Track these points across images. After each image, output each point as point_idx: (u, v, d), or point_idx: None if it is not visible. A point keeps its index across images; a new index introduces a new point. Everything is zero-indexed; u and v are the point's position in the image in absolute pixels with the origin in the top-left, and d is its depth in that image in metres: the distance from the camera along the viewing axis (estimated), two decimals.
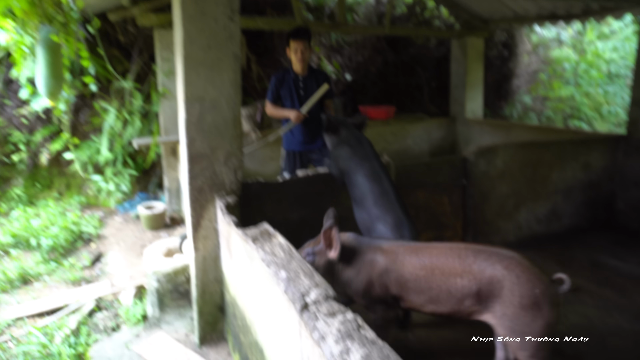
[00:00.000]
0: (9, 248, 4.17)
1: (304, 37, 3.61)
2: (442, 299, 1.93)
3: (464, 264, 1.89)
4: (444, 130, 6.43)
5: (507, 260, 1.87)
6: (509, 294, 1.80)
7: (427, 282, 1.94)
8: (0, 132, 5.02)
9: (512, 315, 1.81)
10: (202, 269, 2.57)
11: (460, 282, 1.88)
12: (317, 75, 3.79)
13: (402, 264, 2.02)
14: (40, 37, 2.64)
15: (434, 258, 1.97)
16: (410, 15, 6.89)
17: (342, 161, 2.84)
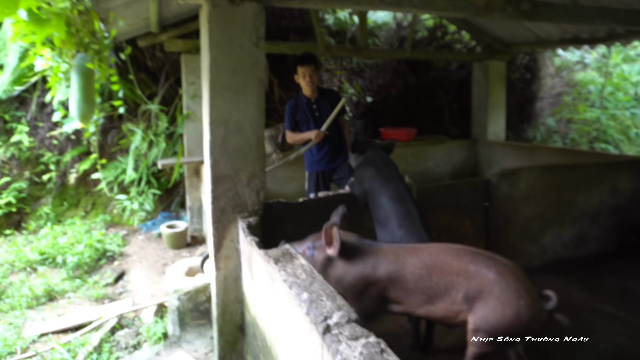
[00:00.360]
0: (37, 265, 4.28)
1: (310, 62, 3.71)
2: (438, 298, 1.98)
3: (462, 262, 1.96)
4: (465, 152, 6.39)
5: (502, 266, 1.93)
6: (495, 300, 1.87)
7: (427, 281, 1.99)
8: (33, 152, 5.22)
9: (492, 320, 1.88)
10: (223, 288, 2.59)
11: (457, 279, 1.94)
12: (328, 95, 3.87)
13: (403, 264, 2.06)
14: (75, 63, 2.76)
15: (433, 256, 2.03)
16: (431, 38, 6.95)
17: (366, 182, 2.85)
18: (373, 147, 3.03)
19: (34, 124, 5.23)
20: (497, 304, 1.87)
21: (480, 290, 1.89)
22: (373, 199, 2.78)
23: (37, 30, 2.25)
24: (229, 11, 2.37)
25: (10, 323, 3.42)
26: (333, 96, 3.87)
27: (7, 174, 5.14)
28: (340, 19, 6.76)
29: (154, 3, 3.48)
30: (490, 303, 1.88)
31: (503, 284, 1.87)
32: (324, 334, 1.29)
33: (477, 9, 3.00)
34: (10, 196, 5.02)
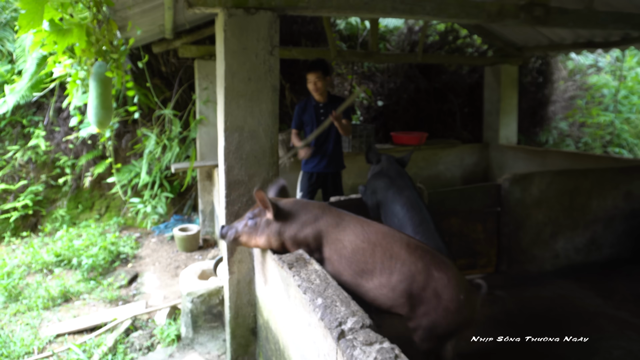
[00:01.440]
0: (52, 266, 4.36)
1: (316, 69, 3.79)
2: (372, 277, 1.99)
3: (411, 255, 1.99)
4: (476, 156, 6.37)
5: (443, 263, 2.02)
6: (438, 297, 1.95)
7: (365, 255, 2.01)
8: (49, 156, 5.32)
9: (435, 315, 1.95)
10: (236, 292, 2.63)
11: (401, 268, 1.97)
12: (336, 102, 3.92)
13: (344, 229, 2.08)
14: (94, 71, 2.82)
15: (380, 237, 2.04)
16: (442, 43, 6.95)
17: (380, 192, 2.88)
18: (388, 158, 3.07)
19: (51, 128, 5.34)
20: (439, 301, 1.95)
21: (424, 288, 1.95)
22: (386, 208, 2.80)
23: (58, 40, 2.31)
24: (244, 20, 2.41)
25: (27, 323, 3.50)
26: (340, 101, 3.92)
27: (24, 177, 5.25)
28: (351, 23, 6.79)
29: (169, 11, 3.54)
30: (433, 300, 1.95)
31: (445, 280, 1.96)
32: (338, 339, 1.31)
33: (489, 15, 3.01)
34: (27, 199, 5.12)
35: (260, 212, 2.21)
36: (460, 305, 1.96)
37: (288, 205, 2.22)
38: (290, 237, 2.15)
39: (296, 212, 2.18)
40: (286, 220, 2.16)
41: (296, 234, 2.14)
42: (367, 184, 3.11)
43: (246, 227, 2.22)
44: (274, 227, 2.16)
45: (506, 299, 3.07)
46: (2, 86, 5.06)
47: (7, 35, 5.09)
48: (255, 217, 2.21)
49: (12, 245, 4.85)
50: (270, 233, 2.16)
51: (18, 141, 5.26)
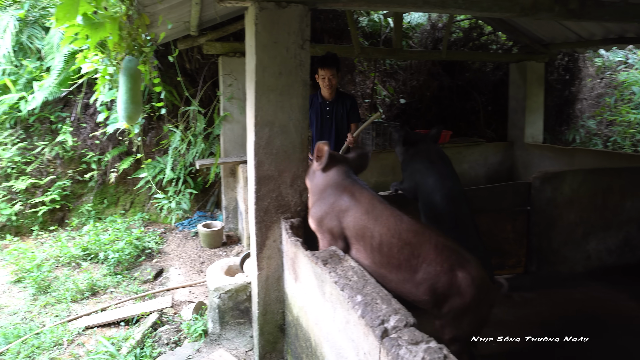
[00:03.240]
0: (80, 260, 4.43)
1: (332, 65, 3.65)
2: (398, 270, 2.02)
3: (439, 256, 2.00)
4: (501, 155, 6.25)
5: (469, 264, 2.04)
6: (461, 296, 1.98)
7: (394, 249, 2.02)
8: (76, 152, 5.40)
9: (457, 313, 2.00)
10: (264, 288, 2.62)
11: (427, 268, 1.99)
12: (343, 100, 3.82)
13: (375, 220, 2.08)
14: (123, 66, 2.84)
15: (411, 235, 2.04)
16: (466, 40, 6.84)
17: (419, 175, 2.80)
18: (425, 140, 2.98)
19: (78, 124, 5.42)
20: (463, 299, 1.99)
21: (449, 287, 1.99)
22: (425, 195, 2.73)
23: (91, 34, 2.32)
24: (275, 14, 2.39)
25: (57, 315, 3.55)
26: (348, 101, 3.83)
27: (51, 172, 5.33)
28: (374, 20, 6.73)
29: (196, 6, 3.55)
30: (458, 300, 1.99)
31: (469, 280, 1.99)
32: (382, 337, 1.28)
33: (523, 8, 2.93)
34: (54, 194, 5.21)
35: (313, 162, 2.37)
36: (481, 305, 2.02)
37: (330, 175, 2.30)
38: (316, 218, 2.20)
39: (329, 186, 2.25)
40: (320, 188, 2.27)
41: (322, 217, 2.18)
42: (404, 167, 3.02)
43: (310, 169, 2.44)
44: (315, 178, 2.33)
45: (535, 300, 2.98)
46: (31, 83, 5.16)
47: (36, 33, 5.18)
48: (310, 160, 2.42)
49: (40, 239, 4.95)
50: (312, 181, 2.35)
51: (46, 137, 5.36)
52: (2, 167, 5.12)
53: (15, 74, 5.17)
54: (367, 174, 5.27)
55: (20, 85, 5.15)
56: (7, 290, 3.94)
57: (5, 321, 3.45)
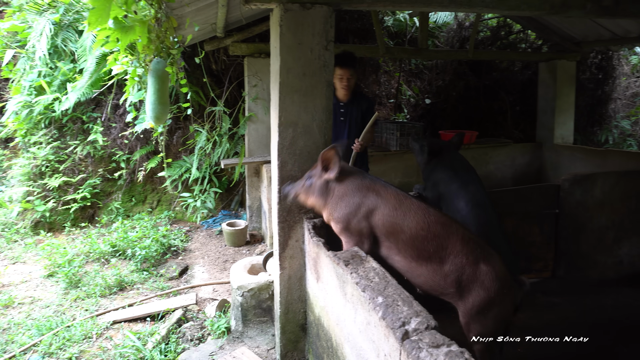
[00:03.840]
0: (109, 256, 4.56)
1: (350, 65, 3.44)
2: (427, 262, 2.06)
3: (465, 247, 2.04)
4: (529, 156, 6.11)
5: (492, 258, 2.08)
6: (485, 289, 2.01)
7: (422, 241, 2.06)
8: (106, 151, 5.56)
9: (480, 307, 2.02)
10: (287, 287, 2.63)
11: (454, 259, 2.03)
12: (359, 101, 3.56)
13: (404, 215, 2.10)
14: (152, 67, 2.91)
15: (439, 227, 2.07)
16: (494, 38, 6.72)
17: (442, 185, 2.78)
18: (448, 149, 2.96)
19: (108, 124, 5.58)
20: (487, 293, 2.01)
21: (473, 280, 2.02)
22: (449, 202, 2.71)
23: (121, 37, 2.39)
24: (300, 15, 2.40)
25: (87, 309, 3.66)
26: (365, 103, 3.58)
27: (83, 171, 5.51)
28: (400, 20, 6.68)
29: (222, 9, 3.60)
30: (481, 292, 2.01)
31: (493, 274, 2.01)
32: (402, 339, 1.27)
33: (553, 6, 2.85)
34: (85, 191, 5.38)
35: (319, 173, 2.26)
36: (504, 299, 2.03)
37: (347, 170, 2.26)
38: (343, 220, 2.16)
39: (351, 184, 2.21)
40: (340, 188, 2.20)
41: (349, 219, 2.15)
42: (426, 175, 3.00)
43: (305, 186, 2.30)
44: (330, 189, 2.22)
45: (563, 305, 2.92)
46: (64, 84, 5.34)
47: (70, 36, 5.35)
48: (313, 177, 2.27)
49: (72, 235, 5.11)
50: (325, 196, 2.23)
51: (78, 136, 5.53)
52: (37, 166, 5.32)
53: (50, 76, 5.36)
54: (391, 174, 5.25)
55: (55, 86, 5.33)
56: (40, 284, 4.09)
57: (38, 314, 3.59)
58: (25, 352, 3.12)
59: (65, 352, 3.10)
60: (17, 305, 3.73)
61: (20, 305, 3.74)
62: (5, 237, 5.00)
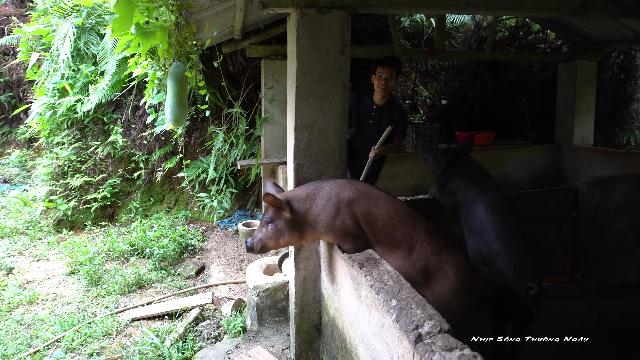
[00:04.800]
0: (128, 255, 4.66)
1: (392, 66, 3.41)
2: (397, 250, 2.12)
3: (429, 237, 2.13)
4: (547, 157, 6.03)
5: (455, 249, 2.17)
6: (449, 279, 2.09)
7: (393, 230, 2.13)
8: (126, 151, 5.68)
9: (447, 296, 2.07)
10: (302, 288, 2.67)
11: (420, 249, 2.11)
12: (391, 109, 3.53)
13: (375, 203, 2.16)
14: (171, 71, 2.97)
15: (407, 217, 2.16)
16: (512, 39, 6.64)
17: (459, 193, 2.79)
18: (462, 156, 2.96)
19: (127, 125, 5.70)
20: (451, 282, 2.08)
21: (438, 269, 2.10)
22: (467, 209, 2.71)
23: (143, 42, 2.46)
24: (316, 19, 2.43)
25: (107, 307, 3.76)
26: (397, 113, 3.53)
27: (103, 171, 5.64)
28: (416, 21, 6.66)
29: (240, 12, 3.65)
30: (446, 281, 2.09)
31: (456, 264, 2.10)
32: (415, 342, 1.29)
33: (572, 8, 2.82)
34: (105, 191, 5.50)
35: (275, 214, 2.15)
36: (467, 287, 2.10)
37: (301, 195, 2.20)
38: (326, 227, 2.13)
39: (315, 198, 2.17)
40: (308, 211, 2.16)
41: (331, 222, 2.13)
42: (442, 183, 3.00)
43: (268, 232, 2.17)
44: (299, 220, 2.14)
45: (581, 310, 2.88)
46: (86, 86, 5.47)
47: (92, 39, 5.48)
48: (274, 220, 2.15)
49: (92, 234, 5.24)
50: (297, 228, 2.15)
51: (99, 137, 5.67)
52: (60, 165, 5.46)
53: (72, 78, 5.50)
54: (406, 176, 5.24)
55: (77, 88, 5.47)
56: (63, 281, 4.21)
57: (61, 310, 3.70)
58: (49, 347, 3.22)
59: (86, 348, 3.19)
60: (40, 302, 3.85)
61: (43, 301, 3.86)
62: (29, 235, 5.15)
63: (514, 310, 2.45)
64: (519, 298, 2.38)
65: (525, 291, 2.31)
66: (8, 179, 6.85)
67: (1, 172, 6.94)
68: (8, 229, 5.26)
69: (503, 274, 2.48)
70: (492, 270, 2.50)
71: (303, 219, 2.14)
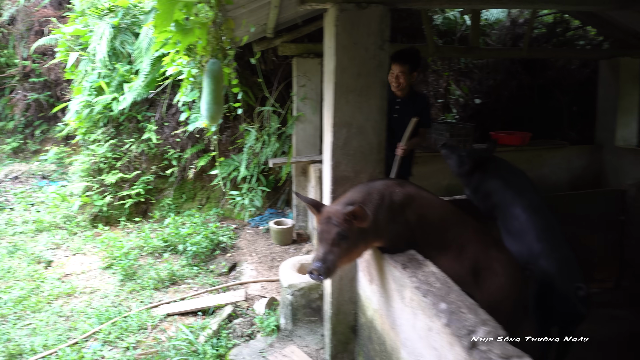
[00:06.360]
0: (161, 251, 4.73)
1: (402, 61, 3.28)
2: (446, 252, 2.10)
3: (477, 236, 2.14)
4: (586, 158, 5.80)
5: (502, 247, 2.20)
6: (498, 276, 2.08)
7: (442, 232, 2.15)
8: (159, 149, 5.77)
9: (496, 294, 2.04)
10: (338, 288, 2.63)
11: (468, 247, 2.11)
12: (414, 100, 3.42)
13: (427, 205, 2.17)
14: (207, 68, 2.98)
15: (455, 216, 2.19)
16: (549, 35, 6.42)
17: (494, 195, 2.71)
18: (493, 159, 2.88)
19: (161, 123, 5.78)
20: (499, 279, 2.07)
21: (486, 267, 2.08)
22: (504, 210, 2.63)
23: (181, 39, 2.46)
24: (355, 15, 2.39)
25: (142, 301, 3.81)
26: (421, 104, 3.43)
27: (137, 168, 5.74)
28: (449, 18, 6.53)
29: (275, 9, 3.64)
30: (495, 280, 2.07)
31: (503, 261, 2.11)
32: (470, 349, 1.23)
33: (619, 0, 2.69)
34: (139, 188, 5.60)
35: (350, 227, 1.96)
36: (517, 285, 2.10)
37: (360, 200, 2.08)
38: (381, 232, 2.06)
39: (369, 203, 2.09)
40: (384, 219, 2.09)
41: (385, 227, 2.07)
42: (474, 187, 2.93)
43: (341, 250, 1.96)
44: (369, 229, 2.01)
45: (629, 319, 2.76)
46: (122, 84, 5.58)
47: (127, 38, 5.59)
48: (347, 235, 1.95)
49: (127, 229, 5.34)
50: (364, 238, 2.03)
51: (133, 135, 5.77)
52: (96, 162, 5.59)
53: (108, 77, 5.62)
54: (439, 176, 5.14)
55: (113, 87, 5.59)
56: (99, 275, 4.31)
57: (98, 303, 3.78)
58: (87, 339, 3.29)
59: (122, 342, 3.24)
60: (78, 294, 3.94)
61: (81, 294, 3.95)
62: (67, 229, 5.29)
63: (561, 312, 2.36)
64: (566, 299, 2.29)
65: (574, 291, 2.22)
66: (46, 174, 7.06)
67: (40, 168, 7.16)
68: (47, 223, 5.42)
69: (547, 275, 2.39)
70: (535, 272, 2.42)
71: (369, 226, 2.01)
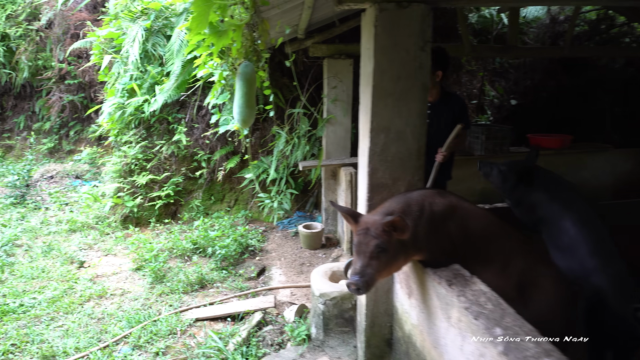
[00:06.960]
0: (190, 253, 4.71)
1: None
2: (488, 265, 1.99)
3: (523, 251, 2.03)
4: (632, 162, 5.50)
5: (549, 263, 2.13)
6: (546, 293, 1.98)
7: (484, 244, 2.03)
8: (189, 151, 5.78)
9: (545, 312, 1.92)
10: (373, 299, 2.52)
11: (514, 261, 2.00)
12: (450, 102, 3.29)
13: (468, 216, 2.06)
14: (240, 71, 2.92)
15: (498, 228, 2.07)
16: (592, 33, 6.13)
17: (539, 208, 2.56)
18: (538, 171, 2.71)
19: (191, 125, 5.79)
20: (546, 295, 1.97)
21: (533, 283, 1.98)
22: (551, 225, 2.48)
23: (215, 42, 2.40)
24: (395, 14, 2.28)
25: (171, 305, 3.79)
26: (457, 104, 3.30)
27: (167, 169, 5.77)
28: (485, 16, 6.31)
29: (308, 10, 3.56)
30: (542, 297, 1.98)
31: (552, 278, 2.01)
32: None
33: None
34: (169, 189, 5.62)
35: (389, 239, 1.88)
36: (563, 302, 2.00)
37: (399, 210, 1.98)
38: (421, 245, 1.96)
39: (409, 214, 1.99)
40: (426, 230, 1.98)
41: (426, 240, 1.96)
42: (516, 200, 2.78)
43: (380, 263, 1.88)
44: (409, 241, 1.91)
45: None
46: (153, 87, 5.62)
47: (159, 41, 5.62)
48: (386, 247, 1.88)
49: (156, 230, 5.37)
50: (404, 250, 1.93)
51: (164, 136, 5.80)
52: (127, 163, 5.64)
53: (140, 79, 5.67)
54: (474, 179, 4.96)
55: (145, 89, 5.63)
56: (129, 277, 4.32)
57: (128, 306, 3.77)
58: (117, 343, 3.28)
59: (152, 346, 3.21)
60: (109, 296, 3.96)
61: (112, 296, 3.97)
62: (99, 230, 5.36)
63: (616, 335, 2.18)
64: (622, 320, 2.12)
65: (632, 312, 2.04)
66: (80, 174, 7.21)
67: (74, 168, 7.32)
68: (80, 223, 5.50)
69: (599, 292, 2.22)
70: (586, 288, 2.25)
71: (419, 233, 1.93)
